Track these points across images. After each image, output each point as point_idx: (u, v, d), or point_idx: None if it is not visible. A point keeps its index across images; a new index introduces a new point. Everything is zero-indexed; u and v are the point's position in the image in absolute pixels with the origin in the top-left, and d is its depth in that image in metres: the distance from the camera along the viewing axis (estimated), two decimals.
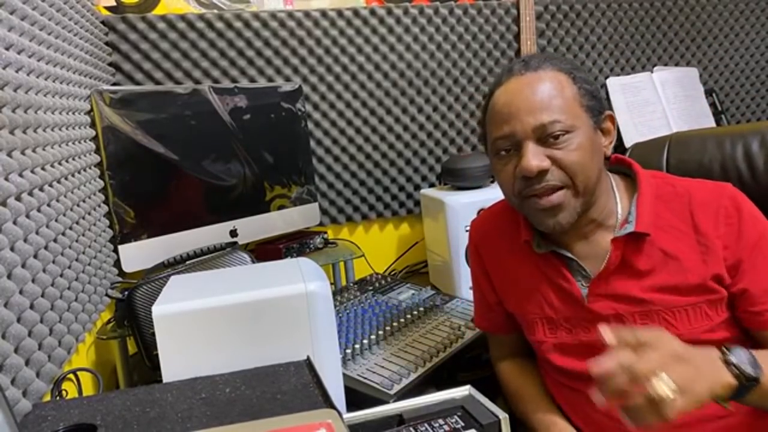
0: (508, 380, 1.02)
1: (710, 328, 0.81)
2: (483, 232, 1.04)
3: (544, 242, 0.91)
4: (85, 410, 0.71)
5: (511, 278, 0.97)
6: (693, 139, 1.11)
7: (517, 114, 0.81)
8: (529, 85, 0.83)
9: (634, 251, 0.84)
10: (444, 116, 2.04)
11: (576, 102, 0.82)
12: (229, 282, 0.90)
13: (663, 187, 0.87)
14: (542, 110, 0.80)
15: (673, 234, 0.83)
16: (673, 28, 2.34)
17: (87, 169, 1.31)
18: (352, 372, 1.03)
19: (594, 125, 0.84)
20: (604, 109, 0.86)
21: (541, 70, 0.84)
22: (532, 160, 0.80)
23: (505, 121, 0.83)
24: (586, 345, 0.87)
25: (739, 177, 1.01)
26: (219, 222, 1.56)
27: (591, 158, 0.82)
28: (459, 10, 2.01)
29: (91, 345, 1.28)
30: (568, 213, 0.82)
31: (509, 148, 0.84)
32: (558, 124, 0.80)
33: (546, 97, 0.81)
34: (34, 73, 1.03)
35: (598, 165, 0.84)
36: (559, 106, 0.81)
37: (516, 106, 0.82)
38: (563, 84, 0.83)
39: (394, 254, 2.05)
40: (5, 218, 0.81)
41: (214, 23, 1.75)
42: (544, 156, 0.80)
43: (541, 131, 0.80)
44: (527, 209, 0.86)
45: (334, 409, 0.62)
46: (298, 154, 1.78)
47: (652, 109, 2.19)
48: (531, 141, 0.81)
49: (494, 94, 0.87)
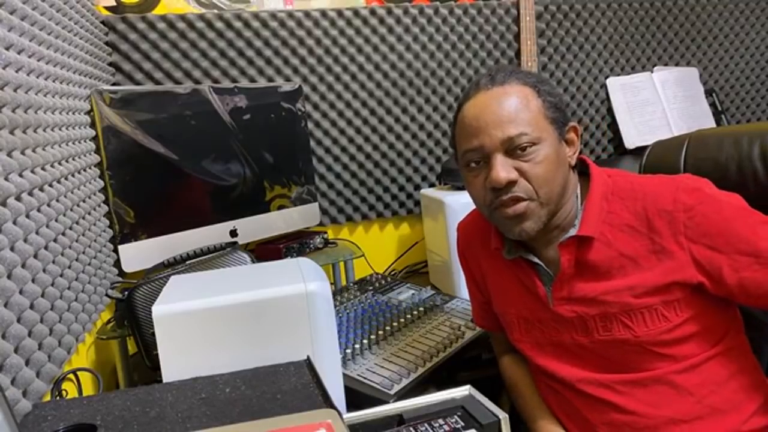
0: (507, 373, 1.05)
1: (668, 329, 0.81)
2: (465, 238, 1.09)
3: (514, 248, 0.93)
4: (85, 410, 0.71)
5: (490, 281, 1.02)
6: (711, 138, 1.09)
7: (486, 128, 0.84)
8: (495, 98, 0.85)
9: (587, 253, 0.85)
10: (444, 116, 2.04)
11: (541, 114, 0.85)
12: (229, 282, 0.90)
13: (621, 186, 0.87)
14: (509, 123, 0.83)
15: (629, 234, 0.83)
16: (673, 28, 2.34)
17: (87, 169, 1.31)
18: (352, 372, 1.03)
19: (559, 137, 0.86)
20: (568, 121, 0.89)
21: (507, 84, 0.86)
22: (500, 172, 0.82)
23: (474, 134, 0.85)
24: (557, 345, 0.91)
25: (754, 176, 0.99)
26: (219, 222, 1.56)
27: (556, 169, 0.84)
28: (459, 10, 2.01)
29: (91, 345, 1.28)
30: (533, 222, 0.84)
31: (479, 161, 0.86)
32: (525, 137, 0.82)
33: (513, 111, 0.83)
34: (34, 73, 1.03)
35: (563, 176, 0.86)
36: (525, 119, 0.83)
37: (484, 120, 0.84)
38: (528, 97, 0.85)
39: (394, 254, 2.05)
40: (5, 218, 0.81)
41: (214, 23, 1.75)
42: (511, 168, 0.83)
43: (509, 144, 0.83)
44: (496, 218, 0.88)
45: (334, 409, 0.62)
46: (298, 154, 1.78)
47: (652, 109, 2.19)
48: (499, 153, 0.83)
49: (463, 108, 0.89)
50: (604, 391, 0.85)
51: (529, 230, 0.84)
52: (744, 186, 0.98)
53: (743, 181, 0.99)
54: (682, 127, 2.15)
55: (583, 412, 0.87)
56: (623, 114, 2.18)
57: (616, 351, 0.84)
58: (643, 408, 0.82)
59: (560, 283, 0.87)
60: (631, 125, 2.17)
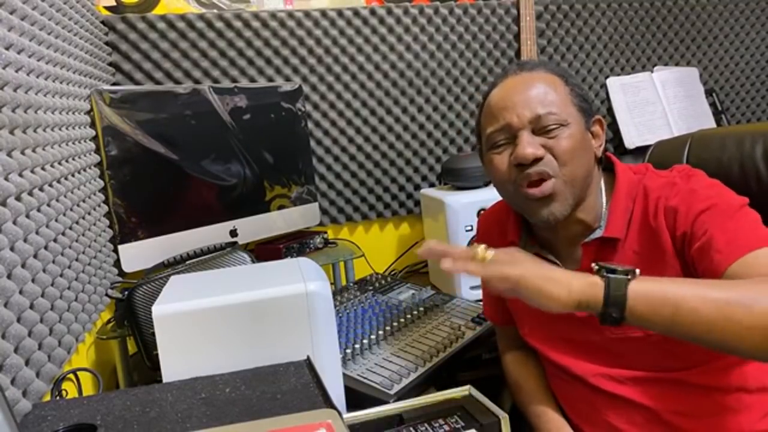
0: (510, 371, 1.05)
1: None
2: (485, 227, 1.08)
3: (531, 244, 0.93)
4: (85, 410, 0.71)
5: None
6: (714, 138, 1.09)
7: (513, 107, 0.84)
8: (523, 82, 0.86)
9: (609, 255, 0.84)
10: (444, 116, 2.04)
11: (569, 100, 0.85)
12: (229, 282, 0.90)
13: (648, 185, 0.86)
14: (537, 103, 0.83)
15: (642, 233, 0.83)
16: (673, 28, 2.34)
17: (87, 169, 1.31)
18: (352, 372, 1.03)
19: (585, 125, 0.86)
20: (593, 112, 0.89)
21: (535, 71, 0.87)
22: (527, 147, 0.82)
23: (501, 114, 0.85)
24: (568, 340, 0.90)
25: (757, 176, 1.00)
26: (219, 222, 1.56)
27: (582, 151, 0.84)
28: (459, 10, 2.01)
29: (91, 345, 1.28)
30: (560, 204, 0.83)
31: (504, 141, 0.86)
32: (552, 116, 0.82)
33: (541, 92, 0.84)
34: (34, 73, 1.03)
35: (588, 161, 0.85)
36: (552, 101, 0.84)
37: (512, 100, 0.85)
38: (556, 83, 0.86)
39: (394, 254, 2.05)
40: (5, 218, 0.81)
41: (214, 23, 1.75)
42: (538, 145, 0.82)
43: (536, 122, 0.83)
44: (521, 202, 0.87)
45: (334, 409, 0.62)
46: (298, 154, 1.78)
47: (652, 109, 2.19)
48: (526, 131, 0.83)
49: (490, 94, 0.90)
50: (616, 386, 0.85)
51: (558, 213, 0.83)
52: (747, 186, 0.98)
53: (746, 181, 0.99)
54: (683, 127, 2.15)
55: (595, 405, 0.87)
56: (623, 114, 2.18)
57: (628, 348, 0.83)
58: (655, 403, 0.82)
59: None
60: (632, 125, 2.17)
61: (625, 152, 2.18)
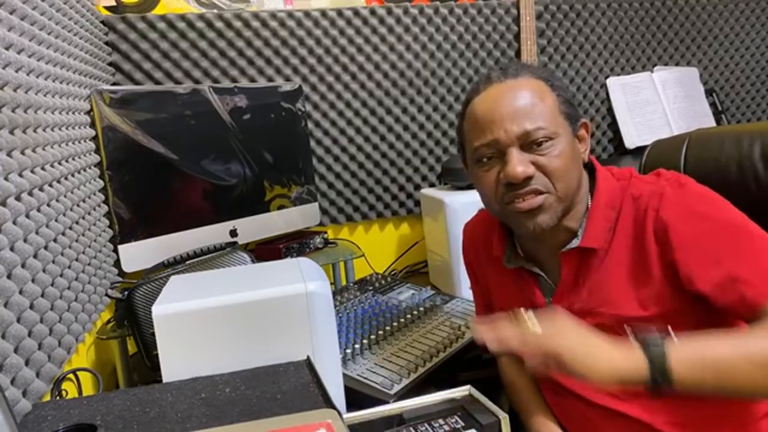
0: (505, 373, 1.05)
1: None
2: (470, 239, 1.07)
3: (515, 258, 0.91)
4: (85, 410, 0.71)
5: (492, 285, 1.01)
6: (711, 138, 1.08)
7: (501, 121, 0.80)
8: (509, 91, 0.82)
9: (588, 264, 0.83)
10: (444, 116, 2.04)
11: (556, 109, 0.82)
12: (229, 282, 0.90)
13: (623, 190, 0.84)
14: (525, 117, 0.80)
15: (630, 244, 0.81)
16: (673, 28, 2.34)
17: (87, 169, 1.31)
18: (352, 372, 1.03)
19: (572, 132, 0.84)
20: (579, 117, 0.86)
21: (520, 77, 0.83)
22: (517, 166, 0.79)
23: (488, 128, 0.81)
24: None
25: (755, 176, 0.99)
26: (219, 222, 1.56)
27: (572, 164, 0.82)
28: (459, 9, 2.01)
29: (91, 345, 1.28)
30: (548, 215, 0.81)
31: (491, 155, 0.83)
32: (541, 131, 0.79)
33: (528, 104, 0.80)
34: (34, 73, 1.03)
35: (578, 172, 0.83)
36: (541, 113, 0.80)
37: (498, 113, 0.81)
38: (543, 91, 0.82)
39: (394, 254, 2.05)
40: (5, 218, 0.81)
41: (214, 23, 1.75)
42: (528, 162, 0.80)
43: (525, 138, 0.79)
44: (508, 214, 0.84)
45: (334, 409, 0.62)
46: (298, 154, 1.78)
47: (652, 108, 2.19)
48: (515, 148, 0.80)
49: (472, 102, 0.86)
50: (612, 401, 0.83)
51: (544, 224, 0.81)
52: (745, 186, 0.98)
53: (744, 181, 0.98)
54: (683, 127, 2.15)
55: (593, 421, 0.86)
56: (623, 114, 2.18)
57: None
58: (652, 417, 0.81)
59: (560, 294, 0.86)
60: (632, 125, 2.17)
61: (625, 152, 2.18)
